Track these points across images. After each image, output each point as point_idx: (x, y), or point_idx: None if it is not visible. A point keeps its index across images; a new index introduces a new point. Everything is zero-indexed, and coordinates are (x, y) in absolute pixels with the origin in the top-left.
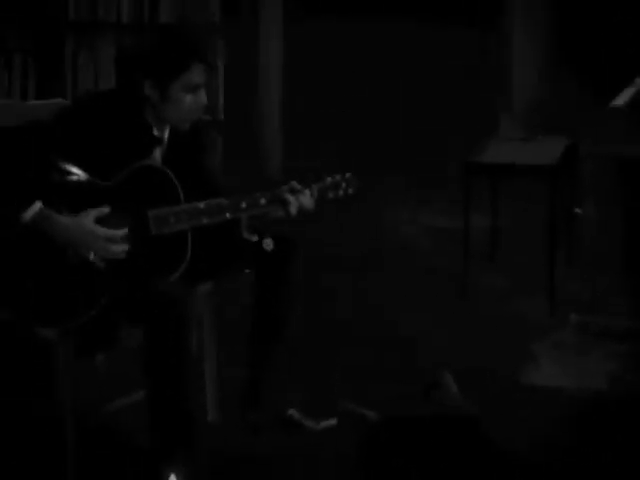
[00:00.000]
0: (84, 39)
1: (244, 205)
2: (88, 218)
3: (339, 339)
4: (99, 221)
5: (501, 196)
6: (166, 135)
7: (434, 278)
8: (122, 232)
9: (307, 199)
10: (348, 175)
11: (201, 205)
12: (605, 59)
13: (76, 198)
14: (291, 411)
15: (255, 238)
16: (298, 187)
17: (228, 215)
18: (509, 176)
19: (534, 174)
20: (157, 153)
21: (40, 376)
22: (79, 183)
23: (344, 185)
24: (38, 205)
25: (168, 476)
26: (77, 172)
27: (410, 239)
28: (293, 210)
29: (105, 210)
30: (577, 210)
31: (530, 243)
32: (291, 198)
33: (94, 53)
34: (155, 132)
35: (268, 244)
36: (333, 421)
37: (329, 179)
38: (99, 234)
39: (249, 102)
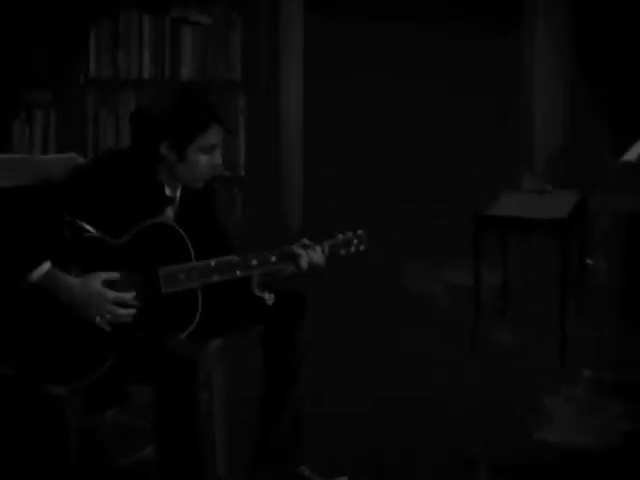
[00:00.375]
0: (105, 95)
1: (255, 262)
2: (96, 280)
3: (350, 395)
4: (109, 282)
5: (512, 248)
6: (178, 194)
7: (446, 333)
8: (130, 295)
9: (318, 255)
10: (360, 232)
11: (212, 263)
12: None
13: (87, 256)
14: (302, 468)
15: (265, 295)
16: (309, 243)
17: (239, 273)
18: (519, 230)
19: (544, 228)
20: (169, 211)
21: (49, 431)
22: (90, 241)
23: (356, 242)
24: (46, 266)
25: None
26: (89, 230)
27: (424, 294)
28: (304, 264)
29: (115, 275)
30: (588, 261)
31: (541, 295)
32: (302, 252)
33: (115, 109)
34: (167, 191)
35: (269, 298)
36: (344, 478)
37: (340, 236)
38: (106, 296)
39: (270, 158)
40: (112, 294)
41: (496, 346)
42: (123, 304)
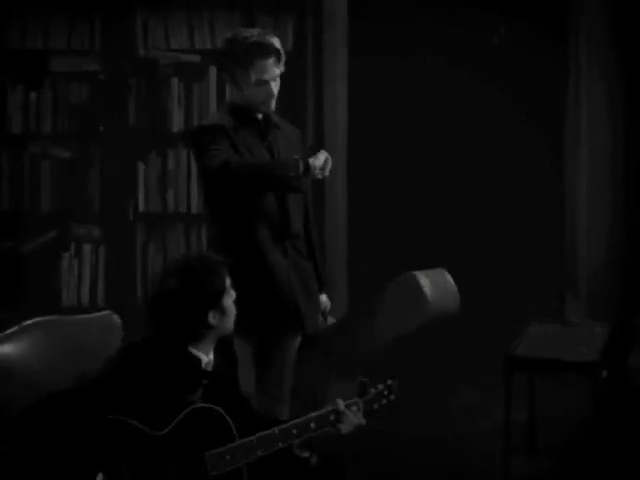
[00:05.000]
0: (154, 229)
1: (295, 432)
2: None
3: None
4: (155, 465)
5: (540, 384)
6: (211, 355)
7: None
8: None
9: (355, 415)
10: (389, 382)
11: (254, 440)
12: None
13: (132, 452)
14: None
15: (306, 454)
16: (343, 405)
17: (281, 445)
18: (547, 371)
19: (574, 370)
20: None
21: None
22: (136, 437)
23: (386, 393)
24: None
25: None
26: (133, 424)
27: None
28: (344, 429)
29: None
30: None
31: (572, 432)
32: (341, 412)
33: (164, 243)
34: (204, 360)
35: (313, 460)
36: None
37: (372, 390)
38: None
39: None
40: None
41: None
42: None
